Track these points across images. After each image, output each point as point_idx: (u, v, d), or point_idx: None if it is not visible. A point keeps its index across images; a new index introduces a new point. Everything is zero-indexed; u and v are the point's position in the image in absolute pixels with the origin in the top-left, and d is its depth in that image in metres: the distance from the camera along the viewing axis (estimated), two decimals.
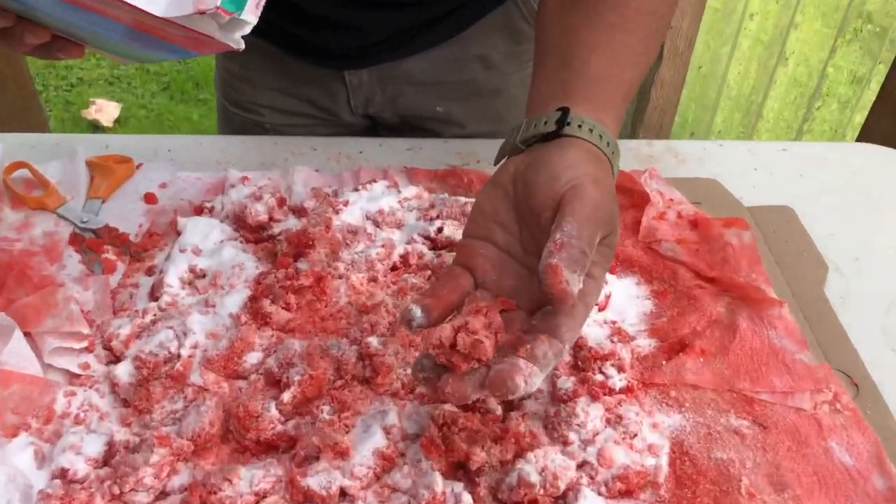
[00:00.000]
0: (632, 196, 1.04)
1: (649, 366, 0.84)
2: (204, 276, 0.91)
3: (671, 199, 1.05)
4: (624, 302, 0.91)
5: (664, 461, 0.75)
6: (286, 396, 0.75)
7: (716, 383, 0.83)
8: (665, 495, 0.73)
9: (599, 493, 0.71)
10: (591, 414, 0.75)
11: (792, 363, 0.84)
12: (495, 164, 0.77)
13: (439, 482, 0.68)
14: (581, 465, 0.73)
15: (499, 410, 0.77)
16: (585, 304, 0.66)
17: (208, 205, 1.01)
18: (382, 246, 0.92)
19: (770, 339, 0.86)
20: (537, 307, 0.66)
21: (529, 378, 0.60)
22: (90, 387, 0.80)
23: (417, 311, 0.65)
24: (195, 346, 0.82)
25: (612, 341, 0.84)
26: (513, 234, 0.70)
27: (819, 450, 0.77)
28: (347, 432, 0.74)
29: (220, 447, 0.75)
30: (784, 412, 0.80)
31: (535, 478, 0.69)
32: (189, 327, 0.83)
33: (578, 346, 0.81)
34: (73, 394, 0.79)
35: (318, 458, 0.71)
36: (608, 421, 0.77)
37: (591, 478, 0.72)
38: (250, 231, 0.96)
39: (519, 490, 0.68)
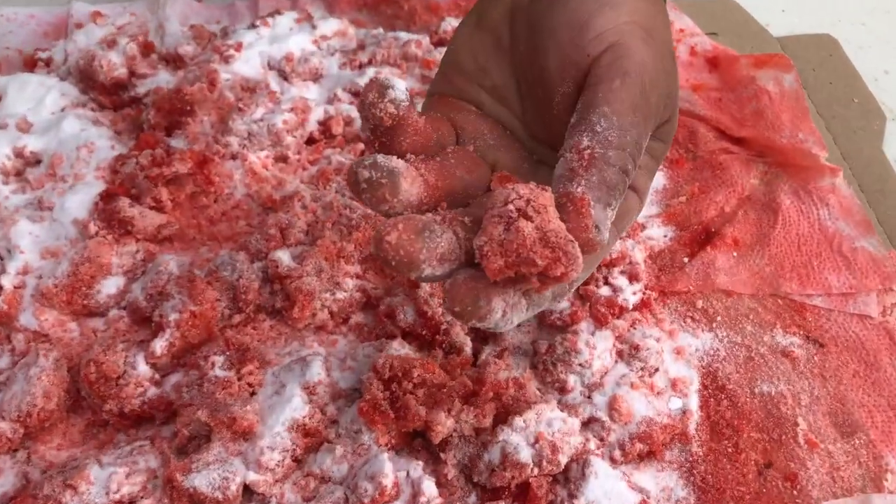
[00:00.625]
0: None
1: (667, 265, 0.63)
2: (37, 162, 0.63)
3: (681, 30, 0.79)
4: None
5: (694, 402, 0.55)
6: (158, 346, 0.51)
7: (755, 286, 0.61)
8: (698, 451, 0.53)
9: (613, 461, 0.51)
10: (597, 346, 0.54)
11: (852, 253, 0.63)
12: None
13: (388, 467, 0.47)
14: (587, 423, 0.52)
15: (468, 348, 0.55)
16: (614, 231, 0.42)
17: (43, 55, 0.71)
18: (292, 109, 0.64)
19: (822, 222, 0.65)
20: None
21: (512, 308, 0.37)
22: None
23: (401, 84, 0.39)
24: (24, 272, 0.56)
25: (620, 237, 0.61)
26: (512, 108, 0.45)
27: (894, 373, 0.57)
28: (252, 394, 0.51)
29: (69, 421, 0.52)
30: (845, 322, 0.60)
31: (525, 454, 0.48)
32: (14, 243, 0.57)
33: None
34: None
35: (208, 439, 0.49)
36: (620, 354, 0.55)
37: (602, 440, 0.52)
38: (104, 93, 0.68)
39: (503, 472, 0.47)
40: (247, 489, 0.47)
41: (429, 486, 0.47)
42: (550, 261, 0.35)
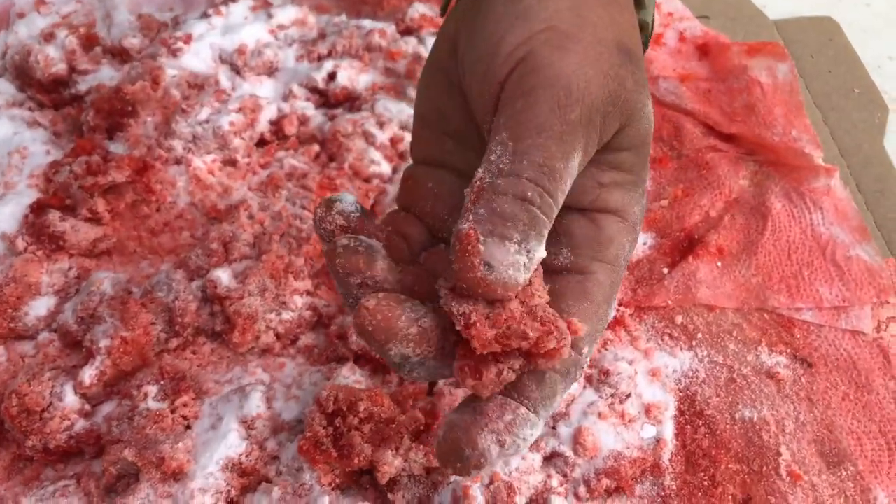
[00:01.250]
0: None
1: (644, 277, 0.58)
2: None
3: (669, 14, 0.73)
4: None
5: (669, 430, 0.51)
6: (87, 375, 0.48)
7: (740, 299, 0.57)
8: (671, 485, 0.49)
9: (578, 498, 0.47)
10: None
11: (846, 262, 0.58)
12: (441, 15, 0.45)
13: None
14: (549, 459, 0.48)
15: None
16: (609, 263, 0.36)
17: None
18: (240, 109, 0.60)
19: (815, 227, 0.60)
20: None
21: (508, 429, 0.33)
22: None
23: (350, 197, 0.37)
24: None
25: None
26: (476, 150, 0.40)
27: (887, 395, 0.53)
28: (187, 428, 0.47)
29: None
30: (836, 339, 0.55)
31: (479, 499, 0.44)
32: None
33: None
34: None
35: (137, 478, 0.45)
36: (588, 379, 0.51)
37: (565, 476, 0.48)
38: (42, 91, 0.63)
39: None
40: None
41: None
42: (542, 333, 0.31)
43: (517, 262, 0.31)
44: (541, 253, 0.31)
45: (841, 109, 0.69)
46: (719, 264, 0.58)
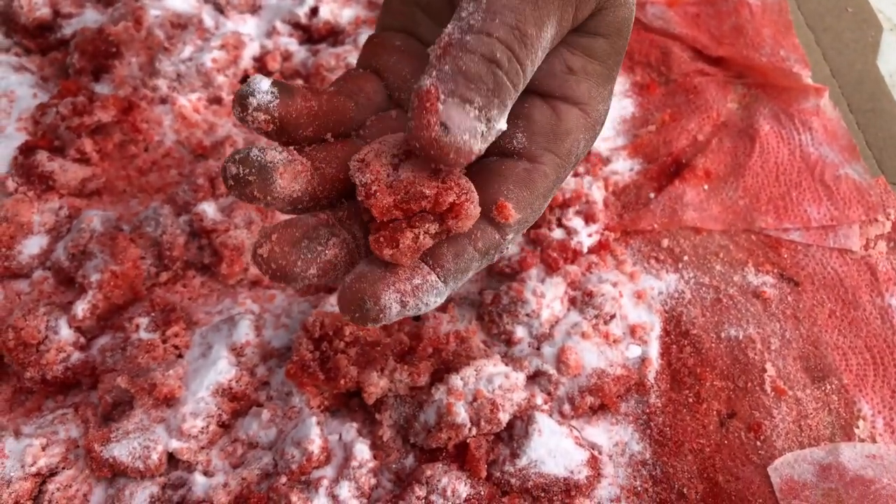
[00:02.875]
0: None
1: (631, 202, 0.58)
2: None
3: None
4: None
5: (654, 350, 0.52)
6: (79, 309, 0.49)
7: (727, 221, 0.57)
8: (656, 402, 0.50)
9: (563, 416, 0.48)
10: (546, 294, 0.50)
11: (834, 182, 0.58)
12: None
13: (315, 432, 0.44)
14: (533, 378, 0.49)
15: None
16: (560, 157, 0.35)
17: None
18: (223, 46, 0.60)
19: (804, 148, 0.59)
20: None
21: (415, 292, 0.33)
22: None
23: (263, 83, 0.33)
24: None
25: (577, 173, 0.57)
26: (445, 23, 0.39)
27: (874, 311, 0.53)
28: (179, 357, 0.48)
29: None
30: (824, 258, 0.55)
31: (462, 415, 0.45)
32: None
33: None
34: None
35: (132, 406, 0.47)
36: (573, 301, 0.52)
37: (549, 394, 0.49)
38: (27, 36, 0.63)
39: (439, 433, 0.45)
40: (172, 457, 0.45)
41: (361, 450, 0.45)
42: (440, 190, 0.31)
43: (475, 128, 0.29)
44: (501, 125, 0.30)
45: (833, 29, 0.67)
46: (706, 187, 0.58)
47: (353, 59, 0.60)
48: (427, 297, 0.33)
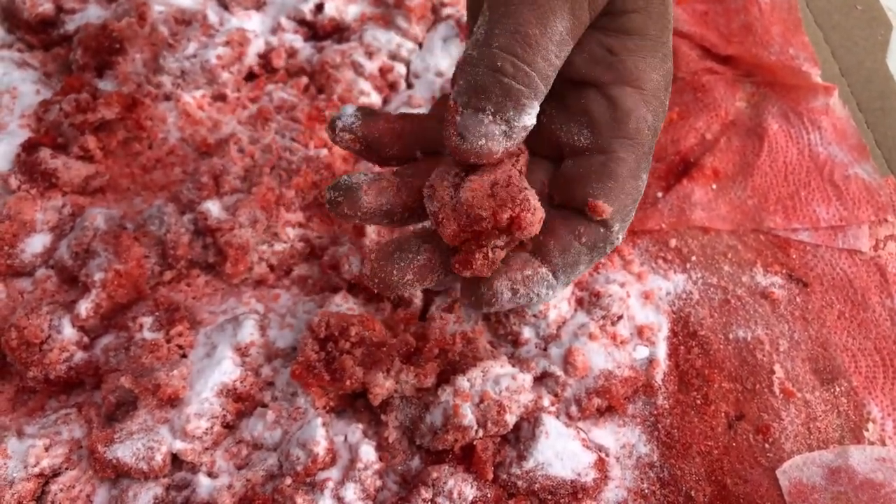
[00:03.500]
0: None
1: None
2: None
3: None
4: None
5: (662, 351, 0.51)
6: (83, 308, 0.48)
7: (735, 221, 0.56)
8: (664, 404, 0.50)
9: (570, 417, 0.48)
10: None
11: (844, 182, 0.57)
12: None
13: (320, 433, 0.44)
14: (540, 379, 0.49)
15: (417, 300, 0.51)
16: (630, 139, 0.36)
17: None
18: (227, 42, 0.59)
19: (813, 147, 0.59)
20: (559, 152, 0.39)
21: (525, 282, 0.37)
22: None
23: (349, 108, 0.40)
24: None
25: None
26: None
27: (883, 313, 0.53)
28: (183, 357, 0.48)
29: None
30: (832, 259, 0.55)
31: (469, 417, 0.44)
32: None
33: None
34: None
35: (136, 406, 0.46)
36: (580, 302, 0.51)
37: (556, 396, 0.48)
38: (30, 32, 0.63)
39: (446, 435, 0.44)
40: (176, 458, 0.45)
41: (367, 452, 0.44)
42: (495, 209, 0.34)
43: (491, 132, 0.32)
44: (524, 121, 0.33)
45: (843, 27, 0.67)
46: (714, 187, 0.58)
47: (357, 57, 0.59)
48: (538, 288, 0.37)
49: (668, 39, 0.37)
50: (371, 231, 0.52)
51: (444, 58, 0.61)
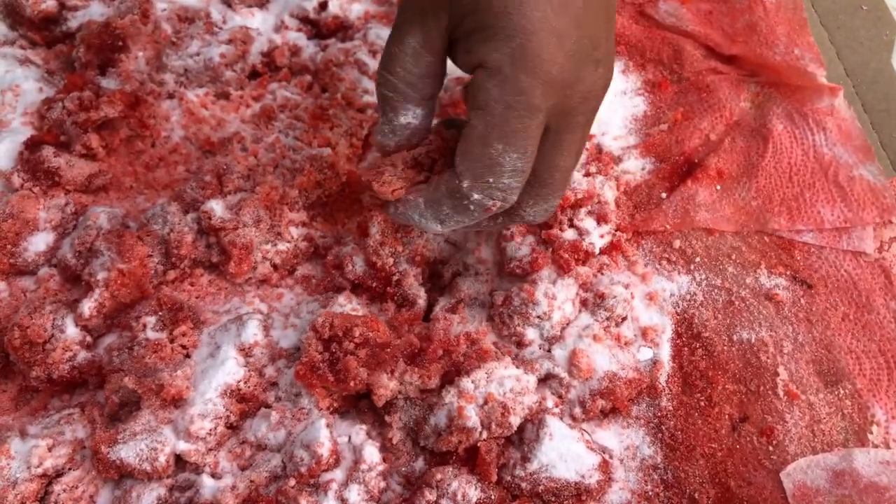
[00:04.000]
0: None
1: (643, 202, 0.57)
2: None
3: None
4: (605, 103, 0.61)
5: (666, 352, 0.51)
6: (86, 308, 0.48)
7: (739, 222, 0.56)
8: (668, 406, 0.50)
9: (574, 419, 0.48)
10: (557, 296, 0.50)
11: (848, 183, 0.57)
12: None
13: (324, 434, 0.44)
14: (544, 381, 0.48)
15: (421, 300, 0.51)
16: (483, 122, 0.41)
17: None
18: (230, 40, 0.59)
19: (817, 148, 0.59)
20: None
21: (405, 206, 0.45)
22: None
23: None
24: None
25: (589, 172, 0.56)
26: None
27: (888, 315, 0.53)
28: (187, 357, 0.48)
29: (1, 387, 0.50)
30: (837, 261, 0.55)
31: (473, 419, 0.44)
32: None
33: None
34: None
35: (139, 406, 0.46)
36: (584, 303, 0.51)
37: (560, 397, 0.48)
38: (33, 29, 0.62)
39: (450, 436, 0.44)
40: (180, 458, 0.45)
41: (371, 453, 0.44)
42: (368, 175, 0.46)
43: (381, 130, 0.45)
44: (401, 120, 0.44)
45: (848, 28, 0.67)
46: (718, 188, 0.58)
47: (361, 55, 0.59)
48: (412, 212, 0.45)
49: (507, 23, 0.40)
50: (375, 231, 0.52)
51: None
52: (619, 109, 0.61)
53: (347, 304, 0.49)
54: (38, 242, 0.52)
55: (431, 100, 0.45)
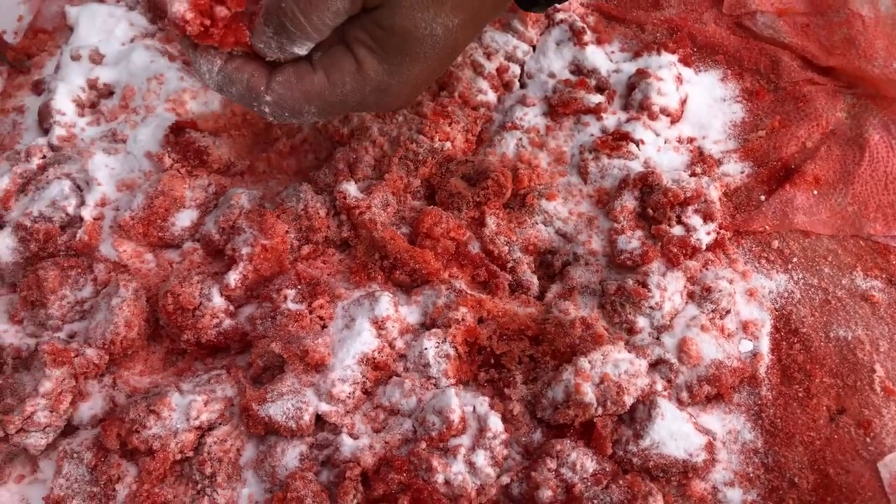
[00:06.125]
0: None
1: (742, 203, 0.60)
2: (109, 94, 0.64)
3: None
4: (705, 108, 0.64)
5: (765, 345, 0.54)
6: (232, 279, 0.53)
7: (835, 226, 0.59)
8: (767, 395, 0.53)
9: (680, 402, 0.51)
10: (668, 288, 0.53)
11: None
12: None
13: (455, 402, 0.48)
14: (655, 365, 0.52)
15: (535, 286, 0.55)
16: (328, 80, 0.47)
17: None
18: None
19: None
20: None
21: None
22: None
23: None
24: (102, 204, 0.58)
25: (695, 173, 0.59)
26: None
27: None
28: (323, 327, 0.52)
29: (150, 349, 0.54)
30: None
31: (590, 395, 0.48)
32: (91, 175, 0.58)
33: (647, 185, 0.56)
34: None
35: (281, 370, 0.50)
36: (691, 295, 0.54)
37: (669, 381, 0.51)
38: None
39: (567, 410, 0.48)
40: (318, 419, 0.49)
41: (495, 422, 0.48)
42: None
43: (266, 41, 0.45)
44: (294, 49, 0.45)
45: None
46: (815, 192, 0.60)
47: (478, 57, 0.63)
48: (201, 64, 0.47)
49: (401, 67, 0.46)
50: (491, 223, 0.56)
51: (556, 60, 0.65)
52: (719, 115, 0.64)
53: (466, 289, 0.53)
54: (184, 219, 0.57)
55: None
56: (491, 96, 0.63)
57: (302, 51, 0.45)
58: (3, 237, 0.56)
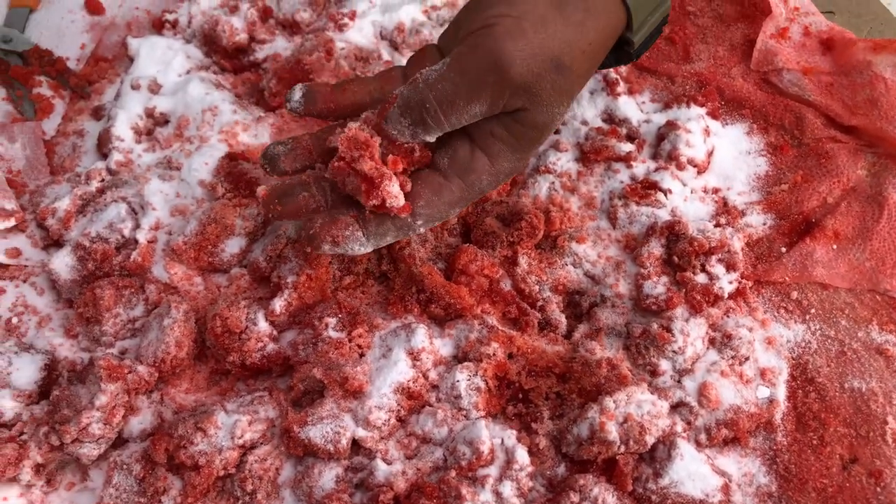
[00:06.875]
0: (742, 4, 0.76)
1: (764, 254, 0.63)
2: (165, 122, 0.68)
3: (796, 8, 0.77)
4: (731, 161, 0.67)
5: (782, 393, 0.56)
6: (277, 305, 0.56)
7: (853, 280, 0.61)
8: (783, 441, 0.55)
9: (699, 444, 0.53)
10: (690, 333, 0.55)
11: None
12: None
13: (485, 434, 0.50)
14: (675, 407, 0.54)
15: (563, 325, 0.57)
16: (465, 184, 0.50)
17: (170, 17, 0.75)
18: None
19: None
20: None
21: (345, 238, 0.50)
22: (23, 280, 0.61)
23: (297, 93, 0.51)
24: (156, 228, 0.61)
25: (720, 224, 0.62)
26: None
27: None
28: (361, 356, 0.55)
29: (196, 368, 0.57)
30: None
31: (613, 434, 0.50)
32: (147, 200, 0.62)
33: (674, 233, 0.59)
34: (2, 291, 0.60)
35: (321, 395, 0.53)
36: (712, 341, 0.57)
37: (689, 423, 0.54)
38: (225, 57, 0.71)
39: (591, 446, 0.50)
40: (354, 443, 0.52)
41: (522, 455, 0.51)
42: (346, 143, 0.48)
43: (401, 130, 0.48)
44: (424, 138, 0.48)
45: None
46: (835, 247, 0.63)
47: None
48: (351, 245, 0.50)
49: (526, 156, 0.51)
50: (523, 262, 0.59)
51: (590, 108, 0.68)
52: (744, 167, 0.67)
53: (497, 324, 0.56)
54: (234, 245, 0.60)
55: None
56: None
57: (431, 138, 0.48)
58: (62, 255, 0.59)
